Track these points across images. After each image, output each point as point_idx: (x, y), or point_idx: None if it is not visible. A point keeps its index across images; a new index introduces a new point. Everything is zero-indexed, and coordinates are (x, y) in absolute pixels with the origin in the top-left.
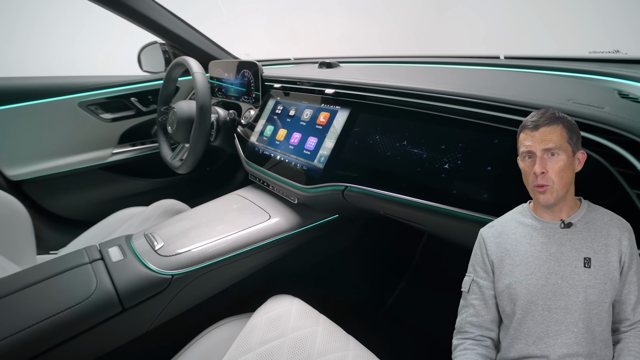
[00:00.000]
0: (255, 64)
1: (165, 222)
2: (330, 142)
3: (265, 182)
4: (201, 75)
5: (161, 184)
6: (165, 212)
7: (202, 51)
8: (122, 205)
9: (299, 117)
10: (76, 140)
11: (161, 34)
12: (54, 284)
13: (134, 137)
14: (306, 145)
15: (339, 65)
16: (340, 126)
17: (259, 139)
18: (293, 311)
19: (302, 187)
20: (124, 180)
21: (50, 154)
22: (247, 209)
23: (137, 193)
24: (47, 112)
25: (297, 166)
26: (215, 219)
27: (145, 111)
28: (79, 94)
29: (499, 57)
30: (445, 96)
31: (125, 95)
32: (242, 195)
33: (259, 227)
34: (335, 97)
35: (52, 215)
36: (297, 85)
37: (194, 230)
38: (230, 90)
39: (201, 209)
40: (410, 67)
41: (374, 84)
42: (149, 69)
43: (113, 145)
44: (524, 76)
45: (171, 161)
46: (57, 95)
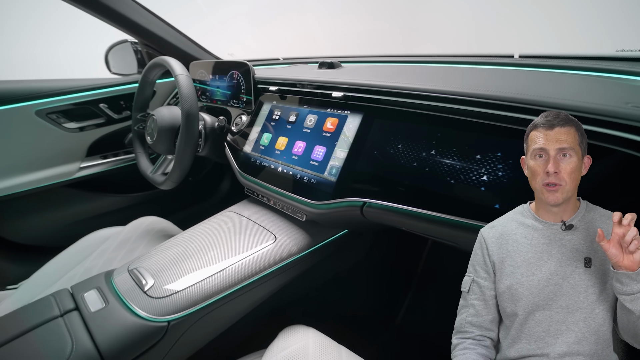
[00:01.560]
0: (245, 64)
1: (152, 251)
2: (342, 152)
3: (265, 197)
4: (186, 78)
5: (138, 199)
6: (146, 232)
7: (180, 50)
8: (94, 227)
9: (302, 123)
10: (36, 154)
11: (133, 31)
12: (14, 350)
13: (105, 148)
14: (313, 156)
15: (341, 66)
16: (352, 133)
17: (255, 148)
18: (310, 346)
19: (313, 204)
20: (94, 198)
21: (3, 171)
22: (247, 230)
23: (111, 211)
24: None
25: (304, 179)
26: (213, 245)
27: (117, 119)
28: (36, 101)
29: (512, 56)
30: (481, 100)
31: (92, 101)
32: (239, 213)
33: (264, 251)
34: (345, 100)
35: (9, 242)
36: (297, 88)
37: (189, 260)
38: (216, 93)
39: (193, 231)
40: (420, 67)
41: (392, 86)
42: (119, 70)
43: (80, 158)
44: (550, 76)
45: (152, 175)
46: (9, 102)
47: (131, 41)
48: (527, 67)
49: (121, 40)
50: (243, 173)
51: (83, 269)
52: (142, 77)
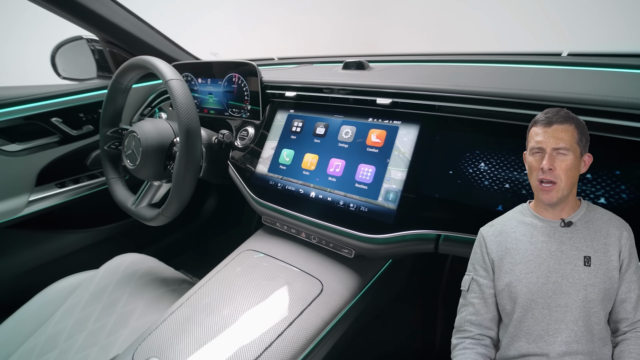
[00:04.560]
0: (249, 64)
1: (162, 325)
2: (399, 172)
3: (294, 229)
4: (180, 84)
5: (109, 232)
6: (128, 275)
7: (154, 50)
8: (55, 275)
9: (335, 136)
10: None
11: (92, 25)
12: None
13: (62, 174)
14: (358, 177)
15: (370, 66)
16: (408, 148)
17: (273, 167)
18: None
19: (367, 237)
20: (51, 238)
21: None
22: (282, 276)
23: (77, 251)
24: None
25: (351, 207)
26: (245, 305)
27: (76, 135)
28: None
29: (560, 54)
30: (596, 107)
31: (42, 115)
32: (263, 252)
33: (314, 306)
34: (394, 108)
35: None
36: (325, 93)
37: (221, 336)
38: (207, 101)
39: (212, 285)
40: (467, 67)
41: (468, 91)
42: (71, 75)
43: (28, 189)
44: (620, 76)
45: (136, 209)
46: None
47: (87, 38)
48: (580, 67)
49: (73, 37)
50: (259, 200)
51: (45, 336)
52: (113, 83)
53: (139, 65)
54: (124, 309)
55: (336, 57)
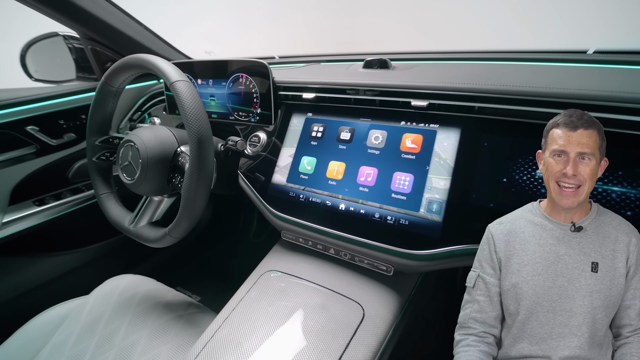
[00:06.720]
0: (260, 63)
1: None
2: (441, 180)
3: (321, 244)
4: (188, 86)
5: (97, 252)
6: (125, 301)
7: (143, 48)
8: (38, 305)
9: (362, 142)
10: None
11: (72, 20)
12: None
13: (40, 190)
14: (394, 186)
15: (393, 65)
16: (450, 154)
17: (292, 177)
18: None
19: (410, 254)
20: (31, 263)
21: None
22: (314, 300)
23: (61, 275)
24: None
25: (389, 219)
26: (279, 339)
27: (56, 145)
28: None
29: (585, 52)
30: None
31: (14, 123)
32: (289, 273)
33: (359, 336)
34: (430, 110)
35: None
36: (348, 95)
37: None
38: (210, 104)
39: (236, 318)
40: (490, 65)
41: (516, 91)
42: (45, 76)
43: (1, 209)
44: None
45: (135, 229)
46: None
47: (64, 34)
48: (607, 65)
49: (48, 33)
50: (279, 213)
51: None
52: (102, 86)
53: (135, 65)
54: (125, 341)
55: (344, 56)
